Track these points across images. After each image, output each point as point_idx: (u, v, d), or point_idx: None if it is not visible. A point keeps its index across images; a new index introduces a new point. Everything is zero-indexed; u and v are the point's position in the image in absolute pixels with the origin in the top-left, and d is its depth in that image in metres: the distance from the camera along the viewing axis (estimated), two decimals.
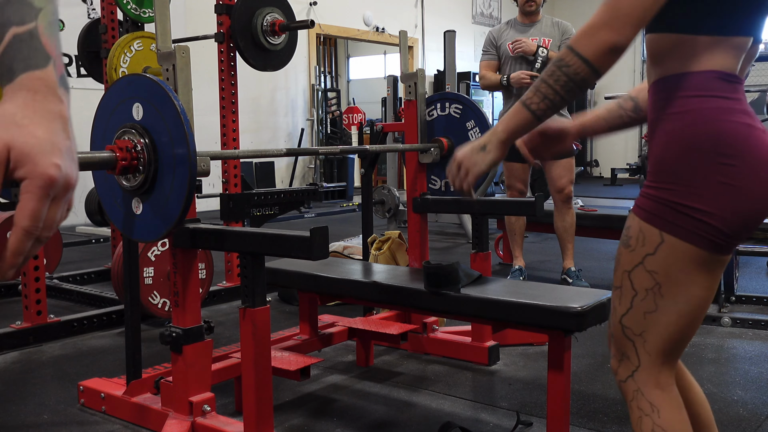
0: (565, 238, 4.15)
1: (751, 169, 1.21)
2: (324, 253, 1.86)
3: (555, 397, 2.05)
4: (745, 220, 1.23)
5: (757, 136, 1.22)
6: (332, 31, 10.36)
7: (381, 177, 8.85)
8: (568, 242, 4.15)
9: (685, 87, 1.24)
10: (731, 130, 1.21)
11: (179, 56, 2.06)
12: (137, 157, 1.96)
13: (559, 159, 4.05)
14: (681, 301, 1.28)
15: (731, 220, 1.22)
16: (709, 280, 1.28)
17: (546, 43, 4.00)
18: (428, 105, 3.08)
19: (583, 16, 8.42)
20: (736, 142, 1.21)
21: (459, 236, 6.31)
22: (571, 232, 4.14)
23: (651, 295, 1.29)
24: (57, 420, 2.40)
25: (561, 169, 4.06)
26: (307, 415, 2.40)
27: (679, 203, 1.24)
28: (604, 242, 5.51)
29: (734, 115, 1.22)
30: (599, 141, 13.73)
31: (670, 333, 1.31)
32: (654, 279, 1.28)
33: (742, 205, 1.21)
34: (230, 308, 3.85)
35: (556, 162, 4.05)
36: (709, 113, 1.22)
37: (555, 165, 4.06)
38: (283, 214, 3.62)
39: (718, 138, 1.21)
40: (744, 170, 1.21)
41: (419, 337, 2.99)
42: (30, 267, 3.21)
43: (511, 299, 2.17)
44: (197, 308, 2.16)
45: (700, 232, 1.23)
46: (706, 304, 1.31)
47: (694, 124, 1.23)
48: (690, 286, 1.27)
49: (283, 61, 3.97)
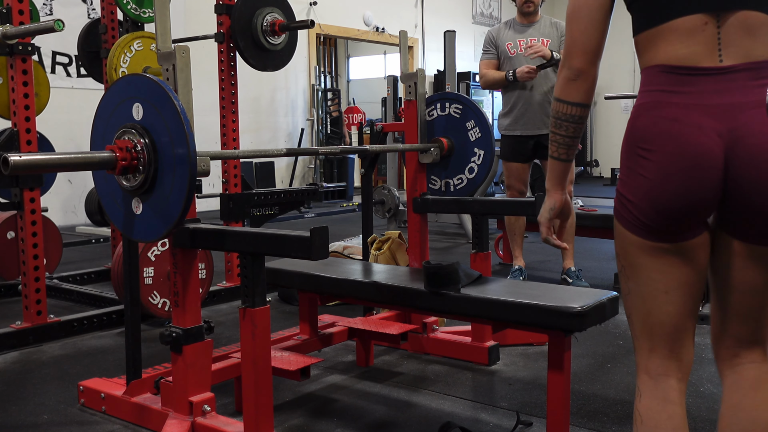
0: (565, 239, 4.14)
1: (662, 164, 1.24)
2: (324, 253, 1.86)
3: (555, 397, 2.05)
4: (662, 213, 1.27)
5: (676, 131, 1.23)
6: (332, 31, 10.36)
7: (381, 177, 8.85)
8: (568, 242, 4.15)
9: (640, 84, 1.33)
10: (650, 124, 1.26)
11: (179, 56, 2.06)
12: (137, 157, 1.97)
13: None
14: (641, 283, 1.34)
15: (648, 211, 1.28)
16: (663, 265, 1.31)
17: (545, 43, 3.99)
18: (428, 105, 3.08)
19: None
20: (652, 136, 1.25)
21: (459, 236, 6.31)
22: (571, 232, 4.13)
23: (624, 278, 1.38)
24: (57, 420, 2.40)
25: None
26: (307, 415, 2.40)
27: (619, 192, 1.33)
28: (604, 242, 5.50)
29: (662, 109, 1.25)
30: (599, 141, 13.73)
31: (642, 316, 1.36)
32: (620, 263, 1.37)
33: (655, 197, 1.26)
34: (230, 308, 3.85)
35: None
36: (640, 108, 1.29)
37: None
38: (283, 214, 3.62)
39: (638, 132, 1.28)
40: (655, 164, 1.25)
41: (419, 337, 2.99)
42: (30, 267, 3.21)
43: (511, 299, 2.17)
44: (197, 308, 2.16)
45: (630, 219, 1.31)
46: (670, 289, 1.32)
47: (630, 119, 1.31)
48: (644, 270, 1.33)
49: (283, 61, 3.97)
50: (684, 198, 1.24)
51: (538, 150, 4.09)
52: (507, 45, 4.05)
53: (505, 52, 4.05)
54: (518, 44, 4.03)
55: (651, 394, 1.36)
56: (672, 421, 1.33)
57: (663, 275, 1.31)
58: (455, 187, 3.06)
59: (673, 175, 1.24)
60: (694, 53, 1.23)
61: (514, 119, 4.09)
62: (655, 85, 1.27)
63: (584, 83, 1.36)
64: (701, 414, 2.38)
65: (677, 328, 1.35)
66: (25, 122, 3.20)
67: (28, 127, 3.21)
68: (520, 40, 4.03)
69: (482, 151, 2.98)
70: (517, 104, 4.06)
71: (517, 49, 4.02)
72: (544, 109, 4.02)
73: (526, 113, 4.04)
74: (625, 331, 3.32)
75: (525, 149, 4.09)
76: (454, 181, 3.06)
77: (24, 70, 3.18)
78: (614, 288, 4.10)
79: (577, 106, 1.38)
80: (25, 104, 3.20)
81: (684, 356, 1.38)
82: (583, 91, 1.37)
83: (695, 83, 1.23)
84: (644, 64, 1.32)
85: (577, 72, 1.36)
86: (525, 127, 4.05)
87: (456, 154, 3.04)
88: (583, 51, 1.35)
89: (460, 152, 3.03)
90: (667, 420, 1.33)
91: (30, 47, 3.19)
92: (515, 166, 4.15)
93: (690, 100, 1.23)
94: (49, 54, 7.01)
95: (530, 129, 4.05)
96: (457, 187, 3.06)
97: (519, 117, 4.06)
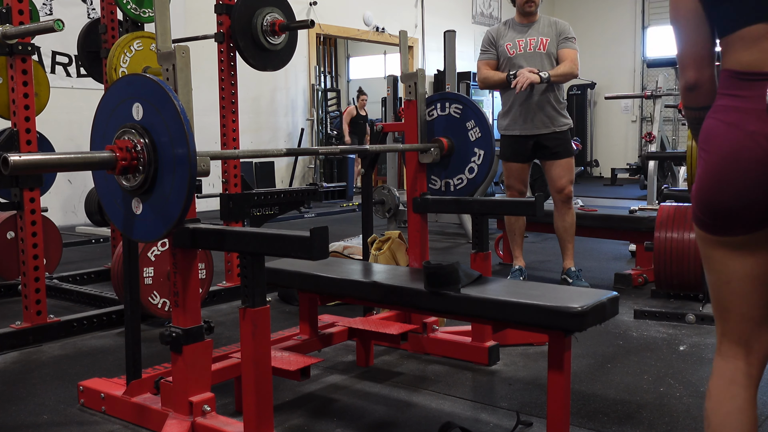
0: (565, 239, 4.15)
1: (709, 164, 1.36)
2: (324, 253, 1.86)
3: (555, 397, 2.05)
4: (709, 209, 1.39)
5: (728, 135, 1.33)
6: (332, 31, 10.37)
7: (381, 177, 8.85)
8: (568, 242, 4.15)
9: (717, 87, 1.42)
10: (712, 126, 1.37)
11: (179, 56, 2.06)
12: (137, 157, 1.97)
13: (559, 159, 4.05)
14: (710, 272, 1.46)
15: (699, 207, 1.41)
16: (724, 257, 1.41)
17: (544, 42, 3.99)
18: (428, 105, 3.08)
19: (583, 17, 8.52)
20: (710, 137, 1.36)
21: (459, 236, 6.31)
22: (571, 232, 4.13)
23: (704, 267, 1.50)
24: (57, 420, 2.40)
25: (560, 170, 4.05)
26: (307, 415, 2.40)
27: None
28: (604, 242, 5.51)
29: (725, 113, 1.34)
30: (599, 141, 13.74)
31: (714, 302, 1.47)
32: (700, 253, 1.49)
33: (702, 195, 1.40)
34: (230, 308, 3.85)
35: (555, 162, 4.05)
36: (711, 110, 1.39)
37: (555, 165, 4.06)
38: (283, 214, 3.62)
39: (703, 132, 1.39)
40: (706, 164, 1.37)
41: (419, 337, 2.99)
42: (30, 267, 3.21)
43: (511, 299, 2.17)
44: (197, 308, 2.16)
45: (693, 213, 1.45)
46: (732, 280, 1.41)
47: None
48: (710, 261, 1.44)
49: (283, 61, 3.97)
50: (725, 199, 1.35)
51: (537, 150, 4.08)
52: (506, 45, 4.05)
53: (504, 52, 4.05)
54: (517, 44, 4.02)
55: (719, 373, 1.45)
56: (734, 401, 1.42)
57: (724, 266, 1.42)
58: (455, 187, 3.06)
59: (716, 175, 1.35)
60: (757, 60, 1.31)
61: (512, 119, 4.08)
62: (723, 89, 1.37)
63: (702, 90, 1.43)
64: (701, 414, 2.37)
65: (744, 316, 1.43)
66: (25, 122, 3.20)
67: (28, 127, 3.21)
68: (519, 40, 4.03)
69: (482, 151, 2.98)
70: (515, 104, 4.06)
71: (516, 49, 4.02)
72: (543, 109, 4.02)
73: (525, 113, 4.04)
74: (625, 331, 3.33)
75: (524, 149, 4.09)
76: (454, 181, 3.06)
77: (24, 70, 3.18)
78: (614, 288, 4.11)
79: (702, 110, 1.45)
80: (25, 104, 3.20)
81: (754, 344, 1.44)
82: (703, 97, 1.44)
83: (756, 88, 1.30)
84: (722, 68, 1.39)
85: (692, 84, 1.43)
86: (524, 127, 4.05)
87: (456, 154, 3.04)
88: (694, 61, 1.42)
89: (460, 152, 3.03)
90: (730, 399, 1.42)
91: (30, 47, 3.19)
92: (515, 166, 4.15)
93: (749, 105, 1.31)
94: (49, 54, 7.02)
95: (529, 129, 4.04)
96: (457, 187, 3.06)
97: (517, 117, 4.06)
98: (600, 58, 12.95)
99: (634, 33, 13.30)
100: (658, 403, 2.47)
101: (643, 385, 2.64)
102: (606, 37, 13.20)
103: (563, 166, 4.06)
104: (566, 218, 4.09)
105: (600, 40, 13.02)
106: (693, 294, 3.70)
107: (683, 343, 3.14)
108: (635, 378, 2.72)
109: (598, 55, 12.89)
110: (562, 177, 4.05)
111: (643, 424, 2.30)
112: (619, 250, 5.40)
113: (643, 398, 2.52)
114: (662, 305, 3.70)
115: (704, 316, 3.39)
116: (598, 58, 12.82)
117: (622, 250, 5.38)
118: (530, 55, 3.99)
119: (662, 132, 7.68)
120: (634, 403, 2.47)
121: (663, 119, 7.59)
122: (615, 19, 13.37)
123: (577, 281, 4.07)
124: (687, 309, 3.51)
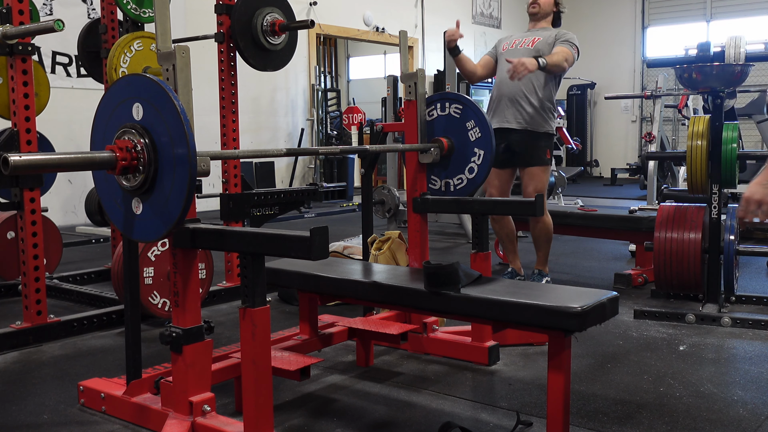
0: (536, 245, 4.04)
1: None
2: (324, 253, 1.86)
3: (555, 397, 2.05)
4: None
5: None
6: (332, 31, 10.36)
7: (381, 177, 8.85)
8: (538, 249, 4.04)
9: None
10: None
11: (179, 56, 2.06)
12: (137, 157, 1.97)
13: (528, 167, 3.91)
14: None
15: None
16: None
17: (535, 40, 3.92)
18: (428, 105, 3.08)
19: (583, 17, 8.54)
20: None
21: (459, 236, 6.31)
22: (543, 239, 4.00)
23: None
24: (57, 420, 2.40)
25: (527, 178, 3.92)
26: (307, 415, 2.40)
27: None
28: (604, 242, 5.51)
29: None
30: (599, 141, 13.74)
31: None
32: None
33: None
34: (230, 308, 3.85)
35: (525, 169, 3.93)
36: None
37: (524, 172, 3.95)
38: (283, 214, 3.62)
39: None
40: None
41: (419, 337, 2.99)
42: (30, 267, 3.21)
43: (511, 299, 2.16)
44: (197, 308, 2.16)
45: None
46: None
47: None
48: None
49: (283, 61, 3.97)
50: None
51: (509, 153, 3.88)
52: (504, 44, 4.05)
53: (499, 51, 4.04)
54: (512, 43, 4.00)
55: None
56: None
57: None
58: (455, 187, 3.06)
59: None
60: None
61: (492, 112, 3.99)
62: None
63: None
64: (701, 414, 2.38)
65: None
66: (25, 122, 3.20)
67: (28, 127, 3.21)
68: (516, 40, 4.02)
69: (482, 151, 2.98)
70: (493, 96, 4.02)
71: (510, 47, 3.98)
72: (515, 104, 3.87)
73: (498, 105, 3.93)
74: (625, 331, 3.33)
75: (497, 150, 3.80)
76: (454, 181, 3.06)
77: (24, 70, 3.18)
78: (614, 288, 4.11)
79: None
80: (25, 104, 3.20)
81: None
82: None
83: None
84: None
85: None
86: (495, 119, 3.90)
87: (456, 154, 3.04)
88: None
89: (460, 152, 3.03)
90: None
91: (30, 47, 3.19)
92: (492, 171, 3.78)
93: None
94: (49, 54, 7.01)
95: (499, 121, 3.89)
96: (457, 187, 3.06)
97: (493, 109, 3.96)
98: (600, 58, 12.95)
99: (634, 33, 13.30)
100: (658, 403, 2.47)
101: (643, 385, 2.64)
102: (606, 37, 13.20)
103: (529, 174, 3.91)
104: (536, 225, 3.97)
105: (600, 40, 13.02)
106: (693, 294, 3.69)
107: (683, 343, 3.14)
108: (635, 378, 2.72)
109: (598, 55, 12.89)
110: (527, 185, 3.92)
111: (643, 424, 2.30)
112: (619, 250, 5.40)
113: (643, 398, 2.52)
114: (662, 305, 3.70)
115: (704, 316, 3.39)
116: (598, 58, 12.82)
117: (622, 250, 5.38)
118: (515, 51, 3.92)
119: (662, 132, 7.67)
120: (634, 403, 2.47)
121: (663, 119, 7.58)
122: (615, 19, 13.37)
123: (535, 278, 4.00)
124: (687, 309, 3.50)
